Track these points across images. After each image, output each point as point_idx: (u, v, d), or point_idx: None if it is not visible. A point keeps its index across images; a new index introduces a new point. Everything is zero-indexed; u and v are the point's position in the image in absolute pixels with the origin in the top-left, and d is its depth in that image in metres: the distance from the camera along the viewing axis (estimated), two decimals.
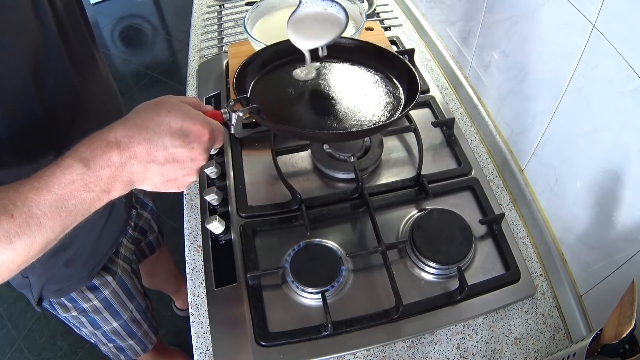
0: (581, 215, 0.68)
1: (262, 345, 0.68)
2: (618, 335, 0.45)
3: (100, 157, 0.42)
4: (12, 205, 0.38)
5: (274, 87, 0.76)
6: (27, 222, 0.39)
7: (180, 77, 2.66)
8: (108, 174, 0.42)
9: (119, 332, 0.98)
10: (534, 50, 0.74)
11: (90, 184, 0.42)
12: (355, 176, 0.83)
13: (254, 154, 0.93)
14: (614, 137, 0.58)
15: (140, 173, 0.44)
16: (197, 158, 0.47)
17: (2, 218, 0.38)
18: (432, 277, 0.75)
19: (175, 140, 0.44)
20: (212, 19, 1.30)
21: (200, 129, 0.46)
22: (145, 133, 0.43)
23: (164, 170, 0.46)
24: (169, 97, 0.48)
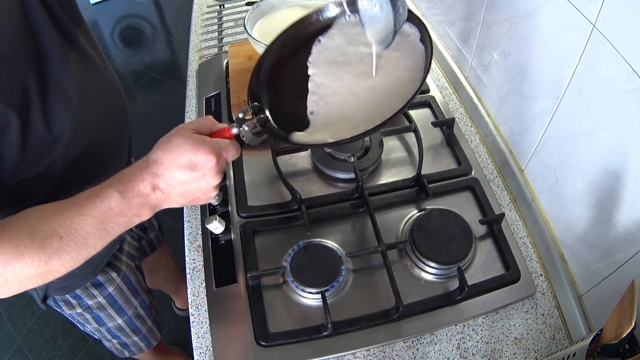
0: (581, 215, 0.68)
1: (262, 345, 0.68)
2: (618, 335, 0.45)
3: (131, 189, 0.51)
4: (60, 228, 0.47)
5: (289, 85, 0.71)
6: (74, 241, 0.48)
7: (180, 77, 2.66)
8: (139, 201, 0.51)
9: (124, 329, 0.98)
10: (534, 50, 0.74)
11: (125, 210, 0.51)
12: (355, 176, 0.83)
13: (254, 154, 0.93)
14: (614, 137, 0.58)
15: (164, 199, 0.53)
16: (210, 180, 0.54)
17: (54, 240, 0.47)
18: (432, 277, 0.75)
19: (186, 172, 0.52)
20: (212, 19, 1.30)
21: (206, 157, 0.52)
22: (161, 169, 0.52)
23: (184, 195, 0.54)
24: (182, 130, 0.54)
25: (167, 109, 2.48)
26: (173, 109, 2.44)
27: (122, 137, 0.80)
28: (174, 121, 2.40)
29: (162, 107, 2.50)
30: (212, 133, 0.57)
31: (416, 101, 1.01)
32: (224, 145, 0.55)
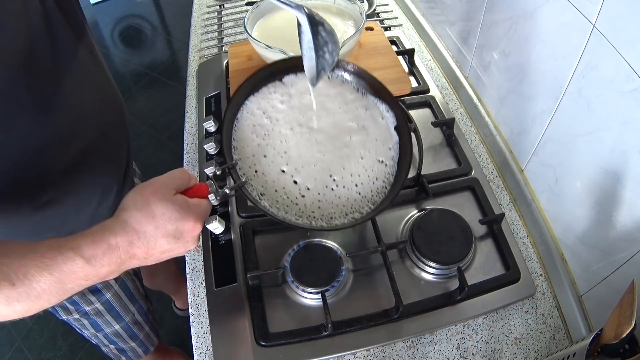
0: (581, 215, 0.68)
1: (262, 345, 0.68)
2: (618, 335, 0.45)
3: (101, 258, 0.46)
4: (13, 274, 0.42)
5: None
6: (27, 292, 0.42)
7: (180, 77, 2.66)
8: (107, 270, 0.47)
9: (121, 335, 0.98)
10: (534, 50, 0.74)
11: (89, 276, 0.46)
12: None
13: None
14: (614, 137, 0.58)
15: (137, 264, 0.50)
16: (190, 246, 0.53)
17: (4, 285, 0.41)
18: (432, 277, 0.75)
19: (170, 240, 0.49)
20: (212, 19, 1.30)
21: (193, 225, 0.50)
22: (143, 238, 0.47)
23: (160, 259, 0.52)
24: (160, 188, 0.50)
25: (167, 109, 2.48)
26: (173, 109, 2.44)
27: (120, 143, 0.80)
28: (174, 121, 2.39)
29: (162, 107, 2.50)
30: (187, 189, 0.54)
31: (416, 101, 1.01)
32: (205, 209, 0.53)
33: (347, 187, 0.63)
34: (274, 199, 0.61)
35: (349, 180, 0.64)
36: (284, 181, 0.63)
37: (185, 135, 1.00)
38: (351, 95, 0.71)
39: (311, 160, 0.65)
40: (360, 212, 0.61)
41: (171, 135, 2.33)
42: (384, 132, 0.68)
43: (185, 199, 0.51)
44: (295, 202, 0.62)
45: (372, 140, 0.67)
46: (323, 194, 0.62)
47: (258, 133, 0.67)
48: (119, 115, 0.78)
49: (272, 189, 0.62)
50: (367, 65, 0.99)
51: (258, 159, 0.65)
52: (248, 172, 0.65)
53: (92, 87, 0.69)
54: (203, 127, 0.96)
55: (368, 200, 0.63)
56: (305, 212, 0.60)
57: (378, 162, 0.65)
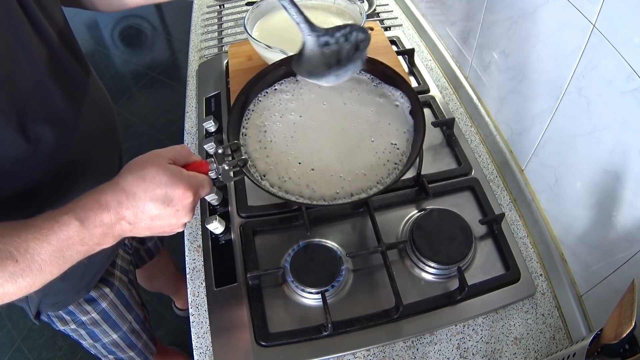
0: (581, 216, 0.68)
1: (262, 345, 0.68)
2: (618, 335, 0.45)
3: (93, 218, 0.46)
4: (16, 251, 0.44)
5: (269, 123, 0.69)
6: (30, 267, 0.44)
7: (180, 77, 2.66)
8: (100, 231, 0.47)
9: (119, 344, 0.97)
10: (533, 50, 0.74)
11: (85, 239, 0.47)
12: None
13: None
14: (614, 137, 0.58)
15: (129, 230, 0.49)
16: (182, 217, 0.51)
17: (8, 262, 0.43)
18: (432, 277, 0.75)
19: (159, 205, 0.48)
20: (212, 19, 1.30)
21: (183, 193, 0.49)
22: (132, 199, 0.47)
23: (151, 227, 0.51)
24: (156, 157, 0.51)
25: (167, 109, 2.48)
26: (173, 109, 2.44)
27: (111, 154, 0.79)
28: (174, 121, 2.39)
29: (162, 107, 2.50)
30: (187, 165, 0.54)
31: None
32: (201, 181, 0.52)
33: (354, 169, 0.62)
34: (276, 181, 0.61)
35: (357, 163, 0.63)
36: (287, 163, 0.63)
37: (185, 135, 1.00)
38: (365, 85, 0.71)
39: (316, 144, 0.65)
40: (366, 193, 0.61)
41: (171, 135, 2.32)
42: (399, 117, 0.67)
43: (179, 168, 0.51)
44: (297, 183, 0.61)
45: (385, 125, 0.66)
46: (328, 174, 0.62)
47: (267, 120, 0.67)
48: (109, 124, 0.78)
49: (275, 171, 0.62)
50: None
51: (264, 143, 0.65)
52: (253, 154, 0.64)
53: (80, 94, 0.68)
54: (203, 127, 0.96)
55: (376, 182, 0.62)
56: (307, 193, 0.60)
57: (391, 145, 0.65)
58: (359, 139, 0.65)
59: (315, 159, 0.63)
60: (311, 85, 0.71)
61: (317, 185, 0.61)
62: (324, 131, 0.66)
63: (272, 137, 0.66)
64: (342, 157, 0.63)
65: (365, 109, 0.68)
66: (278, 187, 0.60)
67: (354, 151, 0.63)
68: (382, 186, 0.60)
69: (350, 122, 0.67)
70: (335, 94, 0.70)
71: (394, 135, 0.65)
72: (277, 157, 0.64)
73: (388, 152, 0.64)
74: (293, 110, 0.68)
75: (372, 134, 0.65)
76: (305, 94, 0.71)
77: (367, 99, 0.69)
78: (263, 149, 0.65)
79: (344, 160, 0.62)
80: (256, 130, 0.67)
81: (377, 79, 0.72)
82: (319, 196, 0.60)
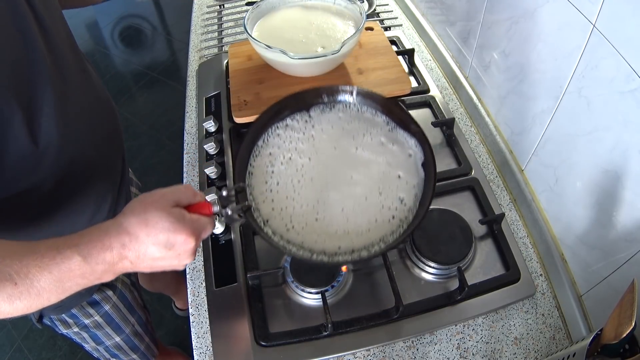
0: (581, 215, 0.68)
1: (262, 345, 0.68)
2: (618, 335, 0.45)
3: (96, 255, 0.47)
4: (16, 275, 0.44)
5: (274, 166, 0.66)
6: (28, 291, 0.45)
7: (180, 77, 2.66)
8: (102, 268, 0.48)
9: (122, 347, 0.97)
10: (534, 50, 0.74)
11: (85, 274, 0.47)
12: None
13: None
14: (614, 137, 0.58)
15: (130, 268, 0.50)
16: (184, 260, 0.52)
17: (7, 284, 0.44)
18: (432, 277, 0.75)
19: (161, 249, 0.49)
20: (212, 19, 1.30)
21: (185, 239, 0.50)
22: (135, 242, 0.48)
23: (152, 267, 0.52)
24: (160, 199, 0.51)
25: (167, 109, 2.48)
26: (173, 109, 2.44)
27: (114, 155, 0.79)
28: (174, 121, 2.39)
29: (162, 107, 2.50)
30: (190, 205, 0.54)
31: (416, 101, 1.01)
32: (204, 224, 0.53)
33: (358, 223, 0.60)
34: (279, 228, 0.60)
35: (363, 218, 0.60)
36: (291, 210, 0.61)
37: (185, 135, 1.01)
38: (380, 129, 0.68)
39: (323, 193, 0.63)
40: (368, 251, 0.58)
41: (171, 135, 2.32)
42: (411, 168, 0.64)
43: (182, 212, 0.51)
44: (299, 232, 0.59)
45: (394, 177, 0.64)
46: (333, 228, 0.60)
47: (275, 160, 0.65)
48: (112, 124, 0.78)
49: (279, 217, 0.60)
50: (367, 65, 1.00)
51: (270, 185, 0.63)
52: (258, 197, 0.62)
53: (82, 94, 0.68)
54: (203, 127, 0.96)
55: (379, 239, 0.59)
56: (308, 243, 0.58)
57: (398, 199, 0.62)
58: (367, 191, 0.62)
59: (321, 209, 0.60)
60: (324, 124, 0.68)
61: (320, 237, 0.59)
62: (332, 179, 0.63)
63: (279, 179, 0.64)
64: (348, 210, 0.60)
65: (376, 158, 0.65)
66: (280, 236, 0.59)
67: (361, 204, 0.61)
68: (385, 244, 0.58)
69: (360, 171, 0.64)
70: (348, 138, 0.67)
71: (403, 189, 0.62)
72: (282, 202, 0.62)
73: (395, 208, 0.61)
74: (302, 152, 0.66)
75: (380, 185, 0.62)
76: (317, 134, 0.68)
77: (380, 146, 0.66)
78: (269, 191, 0.63)
79: (350, 214, 0.60)
80: (263, 170, 0.65)
81: (393, 122, 0.69)
82: (320, 249, 0.58)
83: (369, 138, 0.67)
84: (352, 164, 0.65)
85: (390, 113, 0.70)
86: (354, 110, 0.72)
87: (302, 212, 0.61)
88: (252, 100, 0.95)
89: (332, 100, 0.71)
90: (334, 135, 0.68)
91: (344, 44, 0.86)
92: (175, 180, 0.65)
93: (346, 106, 0.71)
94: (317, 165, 0.65)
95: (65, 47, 0.66)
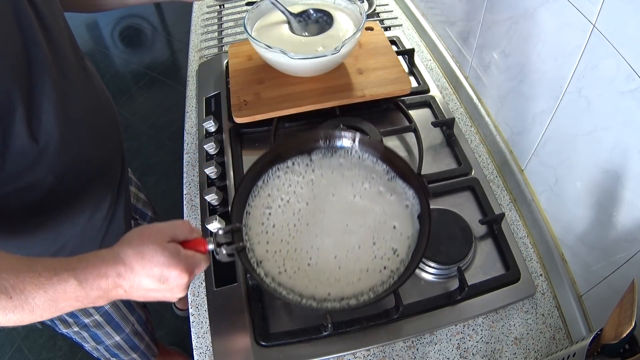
0: (581, 216, 0.68)
1: (262, 345, 0.68)
2: (618, 335, 0.45)
3: (91, 281, 0.49)
4: (11, 289, 0.45)
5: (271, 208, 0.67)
6: (22, 306, 0.46)
7: (180, 77, 2.66)
8: (96, 294, 0.49)
9: (122, 346, 0.97)
10: (534, 50, 0.74)
11: (80, 298, 0.49)
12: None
13: (254, 154, 0.93)
14: (614, 137, 0.58)
15: (124, 296, 0.52)
16: (177, 294, 0.54)
17: (2, 296, 0.44)
18: (432, 277, 0.74)
19: (155, 282, 0.51)
20: (212, 19, 1.30)
21: (179, 274, 0.52)
22: (130, 273, 0.50)
23: (146, 297, 0.53)
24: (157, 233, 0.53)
25: (167, 109, 2.48)
26: (173, 109, 2.44)
27: (114, 153, 0.79)
28: (174, 121, 2.39)
29: (162, 107, 2.50)
30: (186, 241, 0.55)
31: (416, 101, 1.01)
32: (198, 261, 0.55)
33: (350, 271, 0.61)
34: (271, 270, 0.61)
35: (355, 267, 0.61)
36: (285, 254, 0.62)
37: (185, 135, 1.01)
38: (379, 177, 0.69)
39: (318, 238, 0.63)
40: (357, 299, 0.59)
41: (171, 135, 2.32)
42: (407, 220, 0.64)
43: (178, 248, 0.53)
44: (291, 276, 0.60)
45: (390, 228, 0.64)
46: (324, 275, 0.61)
47: (273, 202, 0.66)
48: (112, 123, 0.78)
49: (272, 259, 0.62)
50: (367, 65, 1.00)
51: (266, 227, 0.64)
52: (254, 237, 0.64)
53: (82, 93, 0.68)
54: (203, 127, 0.96)
55: (369, 288, 0.60)
56: (298, 288, 0.59)
57: (391, 250, 0.63)
58: (361, 239, 0.63)
59: (314, 255, 0.61)
60: (324, 169, 0.69)
61: (311, 283, 0.60)
62: (327, 226, 0.64)
63: (275, 222, 0.65)
64: (340, 257, 0.61)
65: (374, 207, 0.66)
66: (272, 278, 0.60)
67: (354, 253, 0.62)
68: (374, 294, 0.59)
69: (356, 219, 0.64)
70: (347, 184, 0.67)
71: (397, 240, 0.63)
72: (276, 245, 0.63)
73: (387, 259, 0.62)
74: (300, 196, 0.67)
75: (375, 235, 0.63)
76: (316, 178, 0.69)
77: (378, 195, 0.67)
78: (264, 233, 0.64)
79: (342, 262, 0.61)
80: (261, 212, 0.65)
81: (393, 172, 0.70)
82: (309, 294, 0.59)
83: (368, 186, 0.68)
84: (349, 212, 0.66)
85: (391, 163, 0.70)
86: (355, 156, 0.72)
87: (296, 256, 0.62)
88: (252, 100, 0.95)
89: (333, 145, 0.72)
90: (333, 181, 0.69)
91: (344, 44, 0.86)
92: (175, 180, 0.65)
93: (347, 152, 0.72)
94: (314, 211, 0.65)
95: (66, 45, 0.66)
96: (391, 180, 0.69)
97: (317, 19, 0.96)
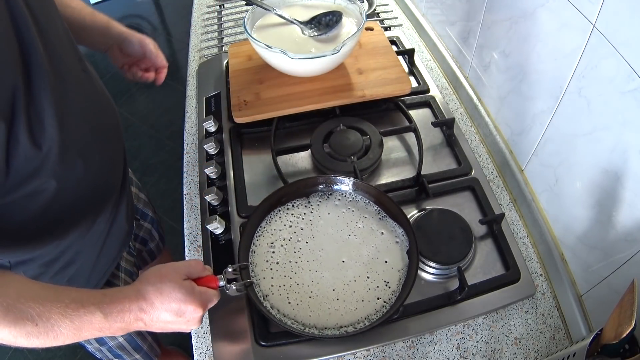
0: (581, 216, 0.68)
1: (262, 345, 0.68)
2: (618, 335, 0.45)
3: (116, 315, 0.55)
4: (37, 317, 0.50)
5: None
6: (47, 332, 0.51)
7: (180, 77, 2.65)
8: (119, 326, 0.55)
9: (125, 347, 0.97)
10: (533, 51, 0.74)
11: (103, 328, 0.54)
12: (355, 176, 0.83)
13: (254, 154, 0.93)
14: (614, 137, 0.58)
15: (144, 328, 0.58)
16: (192, 326, 0.60)
17: (28, 323, 0.49)
18: (432, 277, 0.75)
19: (172, 315, 0.57)
20: (212, 19, 1.30)
21: (194, 309, 0.58)
22: (150, 308, 0.56)
23: (163, 329, 0.59)
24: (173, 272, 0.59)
25: (167, 109, 2.48)
26: (173, 109, 2.44)
27: (115, 156, 0.78)
28: (174, 121, 2.38)
29: (162, 107, 2.50)
30: (199, 278, 0.62)
31: (416, 101, 1.01)
32: (210, 296, 0.61)
33: (347, 302, 0.68)
34: (276, 303, 0.68)
35: (351, 297, 0.68)
36: (289, 287, 0.69)
37: (185, 135, 1.01)
38: (371, 217, 0.77)
39: (317, 273, 0.71)
40: (354, 327, 0.66)
41: (171, 135, 2.32)
42: (397, 255, 0.72)
43: (192, 285, 0.59)
44: (294, 307, 0.68)
45: (382, 263, 0.71)
46: (325, 305, 0.68)
47: (276, 241, 0.74)
48: (113, 124, 0.77)
49: (277, 293, 0.69)
50: (367, 65, 1.00)
51: (271, 264, 0.72)
52: (260, 273, 0.71)
53: (82, 94, 0.68)
54: (203, 127, 0.97)
55: (364, 317, 0.67)
56: (301, 318, 0.67)
57: (383, 283, 0.69)
58: (356, 273, 0.70)
59: (315, 288, 0.69)
60: (322, 210, 0.77)
61: (313, 313, 0.67)
62: (325, 262, 0.72)
63: (279, 259, 0.72)
64: (338, 289, 0.69)
65: (367, 244, 0.73)
66: (277, 310, 0.67)
67: (350, 285, 0.69)
68: (369, 322, 0.66)
69: (351, 255, 0.72)
70: (342, 224, 0.76)
71: (389, 273, 0.70)
72: (280, 280, 0.70)
73: (380, 290, 0.69)
74: (301, 235, 0.74)
75: (368, 270, 0.71)
76: (315, 219, 0.76)
77: (371, 233, 0.75)
78: (269, 269, 0.71)
79: (340, 293, 0.69)
80: (265, 250, 0.73)
81: (384, 212, 0.76)
82: (311, 323, 0.66)
83: (361, 225, 0.76)
84: (345, 249, 0.73)
85: (382, 204, 0.77)
86: (349, 198, 0.79)
87: (298, 289, 0.69)
88: (252, 100, 0.95)
89: (330, 189, 0.79)
90: (330, 221, 0.76)
91: (344, 44, 0.86)
92: (175, 180, 0.66)
93: (342, 194, 0.79)
94: (313, 248, 0.73)
95: (64, 48, 0.65)
96: (382, 220, 0.76)
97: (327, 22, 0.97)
